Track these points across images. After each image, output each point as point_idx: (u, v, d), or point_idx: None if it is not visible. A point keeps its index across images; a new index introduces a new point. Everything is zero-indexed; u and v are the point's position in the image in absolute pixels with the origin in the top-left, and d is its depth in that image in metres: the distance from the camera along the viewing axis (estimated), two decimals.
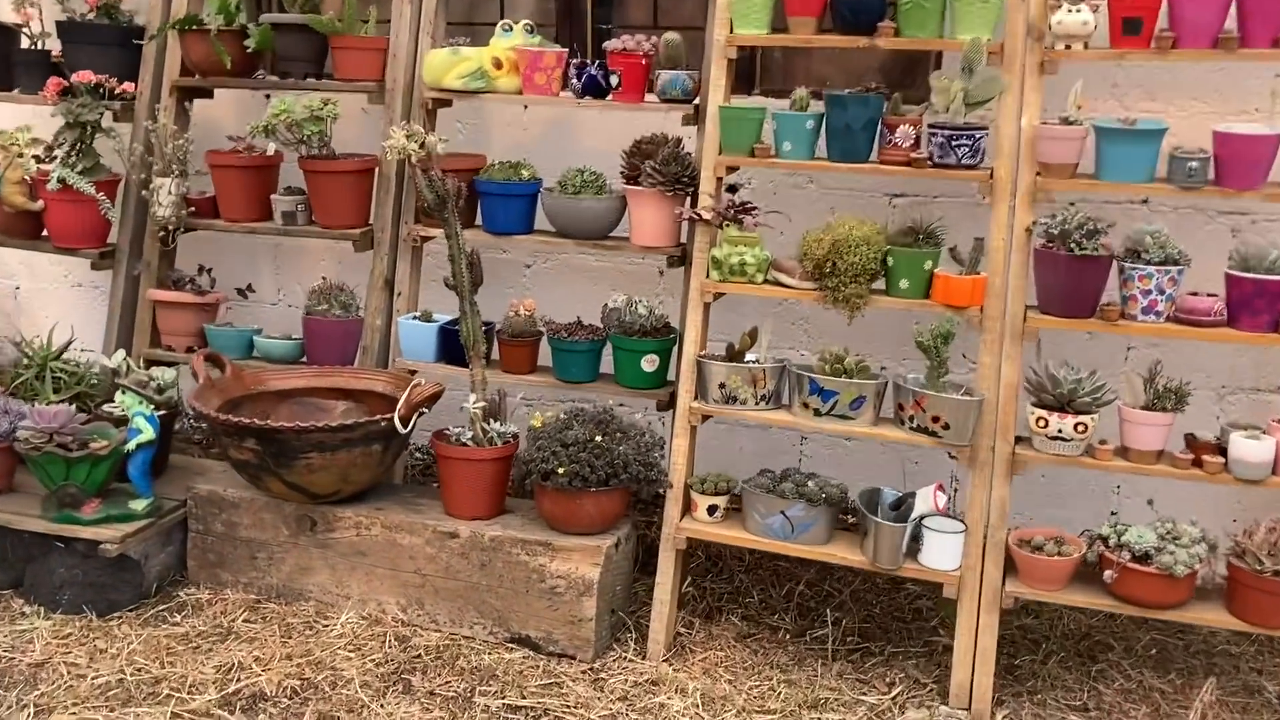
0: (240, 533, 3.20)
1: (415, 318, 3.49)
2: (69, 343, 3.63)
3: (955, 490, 3.44)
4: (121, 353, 3.40)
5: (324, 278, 3.56)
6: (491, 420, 3.09)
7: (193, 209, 3.68)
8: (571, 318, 3.38)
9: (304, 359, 3.61)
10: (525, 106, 3.65)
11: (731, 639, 3.12)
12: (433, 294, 3.61)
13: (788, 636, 3.15)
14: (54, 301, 4.65)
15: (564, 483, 2.89)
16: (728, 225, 3.02)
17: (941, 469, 3.51)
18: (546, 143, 3.85)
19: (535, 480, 2.95)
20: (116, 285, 3.80)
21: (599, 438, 2.95)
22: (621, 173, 3.36)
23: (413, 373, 3.45)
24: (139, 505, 3.15)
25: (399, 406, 3.02)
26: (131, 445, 3.11)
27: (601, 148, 3.59)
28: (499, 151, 3.66)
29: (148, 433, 3.11)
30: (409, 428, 3.02)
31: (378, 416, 2.98)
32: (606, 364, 3.35)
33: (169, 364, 3.70)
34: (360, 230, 3.55)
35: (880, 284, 2.97)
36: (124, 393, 3.14)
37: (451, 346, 3.42)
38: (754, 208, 3.03)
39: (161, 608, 3.14)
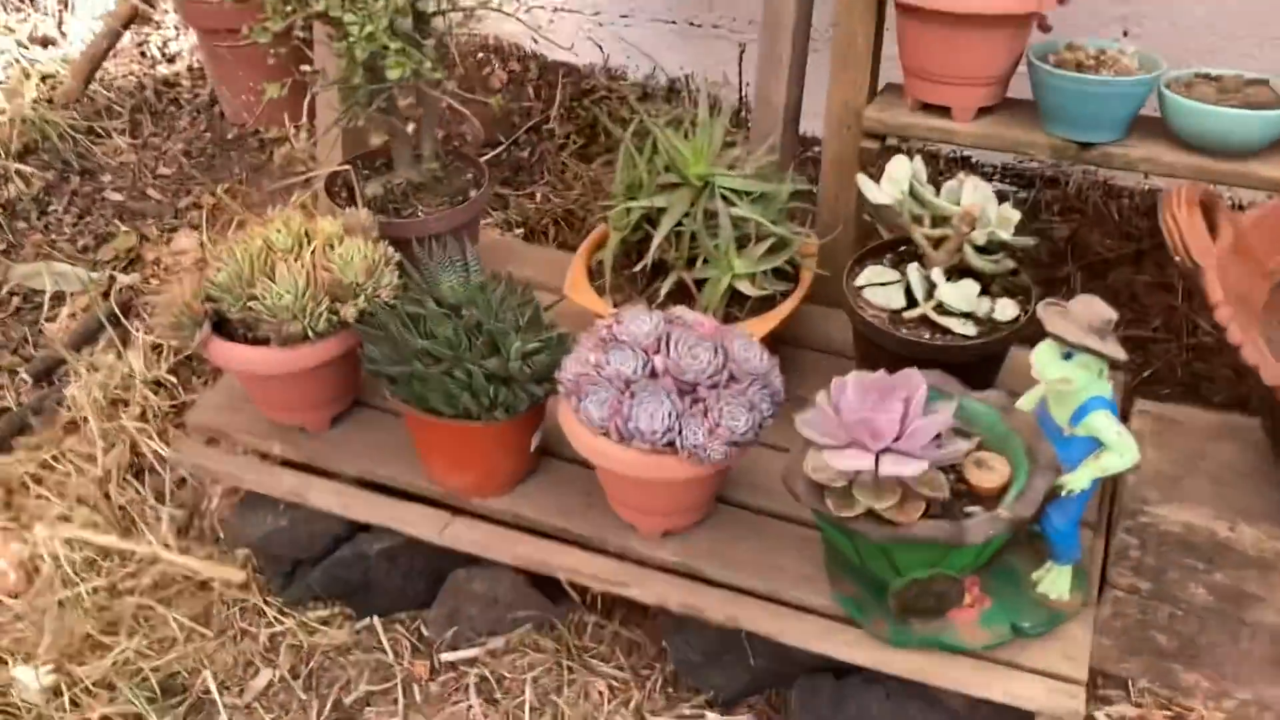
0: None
1: None
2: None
3: None
4: (907, 164, 1.37)
5: None
6: None
7: None
8: None
9: None
10: None
11: None
12: None
13: None
14: None
15: None
16: None
17: None
18: None
19: None
20: None
21: None
22: None
23: None
24: (1058, 587, 1.32)
25: None
26: (1083, 483, 1.22)
27: None
28: None
29: (1127, 452, 1.20)
30: None
31: None
32: None
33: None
34: None
35: None
36: (1072, 357, 1.18)
37: None
38: None
39: None
